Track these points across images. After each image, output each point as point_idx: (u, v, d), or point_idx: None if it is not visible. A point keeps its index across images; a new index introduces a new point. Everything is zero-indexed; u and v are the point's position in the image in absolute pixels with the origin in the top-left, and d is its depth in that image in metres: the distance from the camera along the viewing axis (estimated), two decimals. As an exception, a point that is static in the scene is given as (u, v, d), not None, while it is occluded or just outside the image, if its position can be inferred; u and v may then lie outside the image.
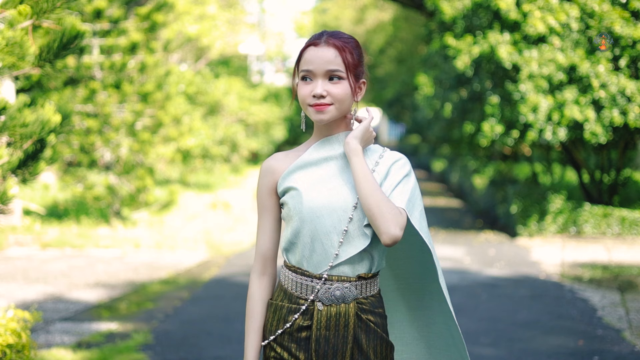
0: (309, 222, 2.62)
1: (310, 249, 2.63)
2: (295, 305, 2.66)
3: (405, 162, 2.72)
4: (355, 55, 2.65)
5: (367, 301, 2.66)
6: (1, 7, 4.75)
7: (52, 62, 4.92)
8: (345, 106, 2.65)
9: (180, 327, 7.32)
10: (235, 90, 22.89)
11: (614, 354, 6.46)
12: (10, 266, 10.36)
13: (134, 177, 13.18)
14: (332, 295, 2.62)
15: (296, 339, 2.66)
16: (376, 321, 2.68)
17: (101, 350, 6.46)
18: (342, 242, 2.60)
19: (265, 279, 2.76)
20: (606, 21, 11.86)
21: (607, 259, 11.37)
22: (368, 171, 2.60)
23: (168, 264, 10.81)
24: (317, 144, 2.73)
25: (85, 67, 12.67)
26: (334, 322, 2.62)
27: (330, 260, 2.61)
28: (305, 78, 2.64)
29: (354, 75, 2.65)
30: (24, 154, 4.90)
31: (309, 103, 2.63)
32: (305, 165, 2.70)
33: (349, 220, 2.60)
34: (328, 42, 2.62)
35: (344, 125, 2.73)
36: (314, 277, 2.63)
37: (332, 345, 2.62)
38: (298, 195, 2.64)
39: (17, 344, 4.89)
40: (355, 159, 2.61)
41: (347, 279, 2.62)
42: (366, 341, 2.65)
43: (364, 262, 2.64)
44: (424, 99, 16.69)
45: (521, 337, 7.01)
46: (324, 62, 2.61)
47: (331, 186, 2.65)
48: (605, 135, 12.07)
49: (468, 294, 8.90)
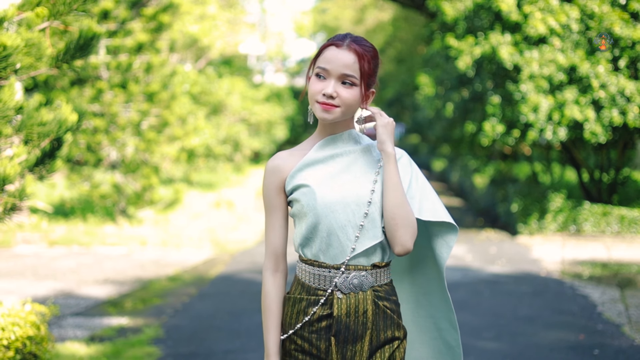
0: (324, 217, 2.68)
1: (327, 242, 2.71)
2: (315, 297, 2.73)
3: (408, 160, 2.83)
4: (372, 64, 2.73)
5: (382, 289, 2.75)
6: (19, 10, 4.87)
7: (69, 63, 5.05)
8: (350, 111, 2.73)
9: (190, 322, 7.48)
10: (238, 90, 23.05)
11: (614, 348, 6.63)
12: (20, 263, 10.51)
13: (140, 176, 13.35)
14: (350, 284, 2.69)
15: (317, 330, 2.73)
16: (392, 308, 2.77)
17: (114, 344, 6.62)
18: (359, 236, 2.69)
19: (278, 276, 2.82)
20: (606, 22, 12.03)
21: (607, 256, 11.54)
22: (399, 180, 2.70)
23: (174, 261, 10.97)
24: (321, 143, 2.80)
25: (92, 67, 12.82)
26: (353, 309, 2.70)
27: (348, 254, 2.69)
28: (320, 75, 2.70)
29: (366, 84, 2.72)
30: (41, 152, 5.02)
31: (317, 100, 2.69)
32: (313, 162, 2.76)
33: (365, 216, 2.69)
34: (350, 46, 2.69)
35: (347, 125, 2.81)
36: (332, 267, 2.71)
37: (352, 331, 2.70)
38: (310, 192, 2.70)
39: (37, 336, 5.04)
40: (390, 166, 2.71)
41: (363, 268, 2.71)
42: (384, 327, 2.74)
43: (377, 252, 2.74)
44: (425, 99, 16.86)
45: (523, 331, 7.18)
46: (341, 65, 2.67)
47: (342, 182, 2.72)
48: (605, 134, 12.24)
49: (471, 290, 9.06)
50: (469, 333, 7.05)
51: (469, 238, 13.38)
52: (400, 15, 31.88)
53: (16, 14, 4.74)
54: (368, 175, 2.76)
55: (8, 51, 4.38)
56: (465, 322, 7.48)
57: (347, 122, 2.80)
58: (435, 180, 26.60)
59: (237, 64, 31.18)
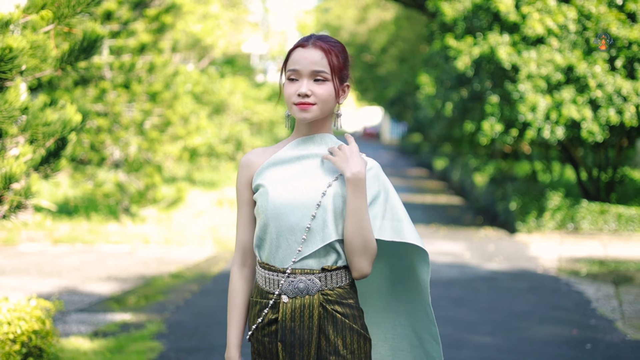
0: (273, 219, 2.69)
1: (276, 245, 2.71)
2: (265, 300, 2.74)
3: (374, 175, 2.78)
4: (340, 58, 2.74)
5: (333, 292, 2.71)
6: (24, 13, 4.99)
7: (73, 64, 5.18)
8: (327, 107, 2.74)
9: (192, 317, 7.64)
10: (240, 90, 23.19)
11: (606, 343, 6.78)
12: (24, 261, 10.67)
13: (143, 175, 13.50)
14: (295, 288, 2.69)
15: (268, 333, 2.74)
16: (344, 312, 2.72)
17: (117, 339, 6.77)
18: (305, 239, 2.68)
19: (246, 270, 2.85)
20: (603, 23, 12.17)
21: (604, 254, 11.69)
22: (359, 206, 2.67)
23: (177, 258, 11.12)
24: (294, 142, 2.81)
25: (95, 68, 12.97)
26: (298, 313, 2.69)
27: (294, 256, 2.69)
28: (292, 78, 2.72)
29: (339, 78, 2.73)
30: (46, 152, 5.13)
31: (293, 102, 2.70)
32: (278, 162, 2.78)
33: (312, 218, 2.68)
34: (315, 44, 2.72)
35: (325, 127, 2.81)
36: (279, 271, 2.70)
37: (298, 336, 2.69)
38: (265, 193, 2.72)
39: (42, 330, 5.17)
40: (359, 192, 2.68)
41: (310, 272, 2.69)
42: (334, 332, 2.71)
43: (329, 256, 2.72)
44: (426, 98, 17.00)
45: (518, 326, 7.33)
46: (310, 62, 2.69)
47: (297, 184, 2.72)
48: (602, 133, 12.38)
49: (468, 287, 9.22)
50: (464, 328, 7.21)
51: (468, 236, 13.52)
52: (402, 15, 31.96)
53: (22, 17, 4.81)
54: (326, 179, 2.74)
55: (14, 53, 4.46)
56: (461, 317, 7.65)
57: (324, 125, 2.81)
58: (437, 179, 26.74)
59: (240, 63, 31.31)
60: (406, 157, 39.12)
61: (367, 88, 45.16)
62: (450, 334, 6.93)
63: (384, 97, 40.79)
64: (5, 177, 4.65)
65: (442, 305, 8.16)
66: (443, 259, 11.03)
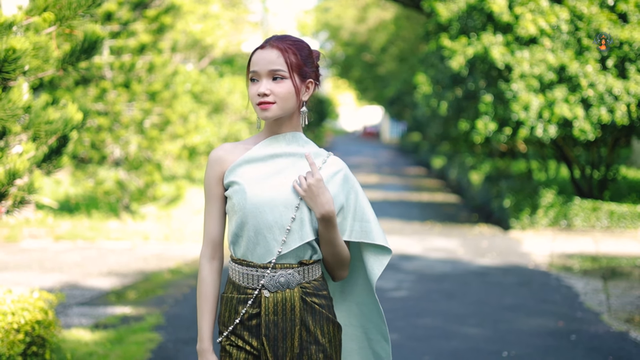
0: (251, 217, 2.74)
1: (254, 242, 2.76)
2: (244, 296, 2.79)
3: (342, 178, 2.87)
4: (299, 56, 2.77)
5: (310, 285, 2.81)
6: (27, 14, 5.18)
7: (74, 65, 5.36)
8: (288, 105, 2.78)
9: (190, 310, 7.84)
10: (239, 89, 23.36)
11: (590, 334, 7.00)
12: (26, 257, 10.88)
13: (143, 173, 13.69)
14: (277, 282, 2.76)
15: (248, 327, 2.80)
16: (321, 303, 2.83)
17: (117, 331, 6.99)
18: (285, 240, 2.75)
19: (215, 263, 2.87)
20: (594, 23, 12.40)
21: (595, 250, 11.90)
22: (339, 237, 2.81)
23: (176, 255, 11.32)
24: (265, 141, 2.84)
25: (96, 68, 13.16)
26: (280, 307, 2.77)
27: (274, 255, 2.76)
28: (253, 79, 2.78)
29: (299, 75, 2.77)
30: (49, 149, 5.32)
31: (255, 102, 2.76)
32: (252, 160, 2.81)
33: (292, 220, 2.75)
34: (272, 44, 2.77)
35: (293, 125, 2.85)
36: (259, 267, 2.77)
37: (281, 328, 2.78)
38: (242, 191, 2.76)
39: (44, 320, 5.37)
40: (331, 226, 2.78)
41: (289, 266, 2.77)
42: (313, 322, 2.81)
43: (306, 251, 2.81)
44: (422, 98, 17.22)
45: (506, 318, 7.55)
46: (267, 62, 2.74)
47: (274, 183, 2.77)
48: (594, 132, 12.60)
49: (459, 281, 9.43)
50: (453, 320, 7.42)
51: (462, 233, 13.73)
52: (402, 14, 32.12)
53: (24, 19, 4.95)
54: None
55: (17, 54, 4.60)
56: (451, 310, 7.86)
57: (293, 124, 2.86)
58: (435, 177, 26.92)
59: (240, 62, 31.46)
60: (405, 156, 39.28)
61: (367, 87, 45.35)
62: (439, 326, 7.14)
63: (383, 97, 40.98)
64: (9, 173, 4.82)
65: (433, 299, 8.38)
66: (437, 255, 11.25)
